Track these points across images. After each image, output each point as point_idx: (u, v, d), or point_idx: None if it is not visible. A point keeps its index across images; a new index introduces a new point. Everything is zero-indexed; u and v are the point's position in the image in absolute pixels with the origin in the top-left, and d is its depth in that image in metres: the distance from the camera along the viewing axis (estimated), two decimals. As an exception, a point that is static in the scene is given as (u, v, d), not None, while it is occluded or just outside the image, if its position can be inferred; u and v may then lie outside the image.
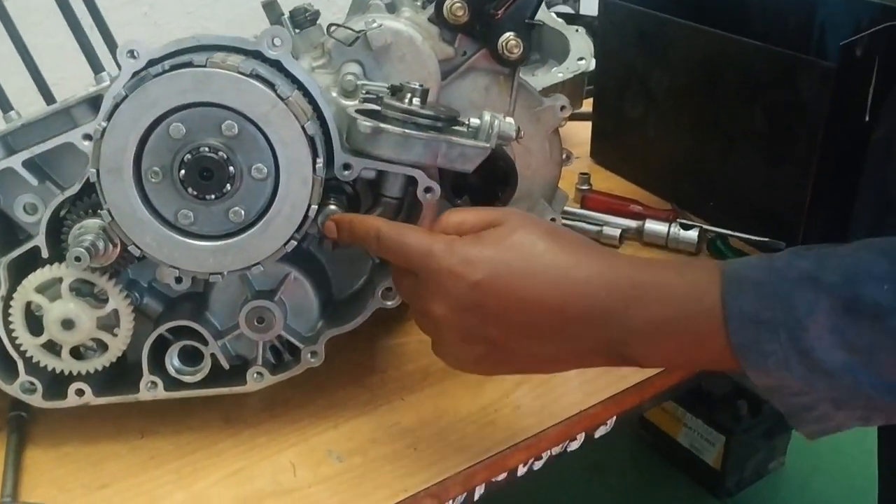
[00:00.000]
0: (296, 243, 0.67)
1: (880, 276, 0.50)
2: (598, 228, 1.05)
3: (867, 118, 0.91)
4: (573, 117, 1.07)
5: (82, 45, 0.70)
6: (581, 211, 1.07)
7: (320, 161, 0.65)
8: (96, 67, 0.71)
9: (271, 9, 0.91)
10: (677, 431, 1.82)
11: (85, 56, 0.71)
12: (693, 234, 1.00)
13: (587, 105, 1.24)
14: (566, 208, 1.04)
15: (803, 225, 0.95)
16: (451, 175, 0.77)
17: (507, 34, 0.88)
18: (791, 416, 0.57)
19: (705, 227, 1.02)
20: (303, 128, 0.64)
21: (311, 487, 0.71)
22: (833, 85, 0.88)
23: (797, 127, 0.92)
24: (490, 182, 0.85)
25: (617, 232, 1.03)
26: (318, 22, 0.91)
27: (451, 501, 0.71)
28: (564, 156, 0.96)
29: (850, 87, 0.89)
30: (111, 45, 0.80)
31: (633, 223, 1.04)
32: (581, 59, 1.19)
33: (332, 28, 0.80)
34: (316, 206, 0.66)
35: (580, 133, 1.27)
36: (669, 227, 1.02)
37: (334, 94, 0.74)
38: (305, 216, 0.66)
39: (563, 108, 0.94)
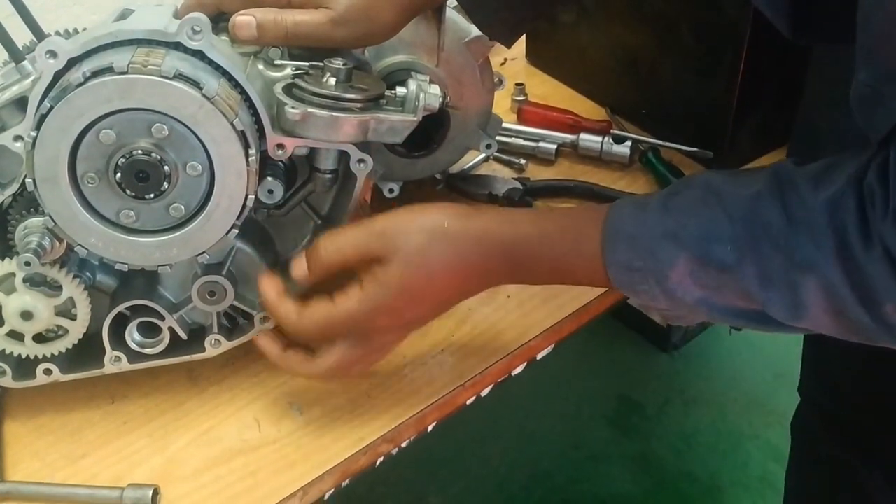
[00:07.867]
0: (237, 231, 0.70)
1: (725, 237, 0.63)
2: (534, 144, 1.07)
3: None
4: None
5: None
6: (517, 127, 1.09)
7: (253, 153, 0.67)
8: (16, 56, 0.70)
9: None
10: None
11: (3, 45, 0.71)
12: (625, 148, 1.03)
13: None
14: (503, 125, 1.06)
15: (729, 136, 0.99)
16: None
17: (431, -31, 0.87)
18: (665, 319, 0.73)
19: (637, 138, 1.05)
20: (232, 124, 0.65)
21: (276, 443, 0.77)
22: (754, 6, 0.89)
23: (722, 46, 0.94)
24: (424, 125, 0.87)
25: (553, 147, 1.06)
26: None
27: (405, 442, 0.78)
28: (497, 80, 0.97)
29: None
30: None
31: (568, 137, 1.07)
32: None
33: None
34: (253, 196, 0.69)
35: (516, 31, 1.26)
36: (603, 140, 1.04)
37: (261, 67, 0.74)
38: (244, 205, 0.69)
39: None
